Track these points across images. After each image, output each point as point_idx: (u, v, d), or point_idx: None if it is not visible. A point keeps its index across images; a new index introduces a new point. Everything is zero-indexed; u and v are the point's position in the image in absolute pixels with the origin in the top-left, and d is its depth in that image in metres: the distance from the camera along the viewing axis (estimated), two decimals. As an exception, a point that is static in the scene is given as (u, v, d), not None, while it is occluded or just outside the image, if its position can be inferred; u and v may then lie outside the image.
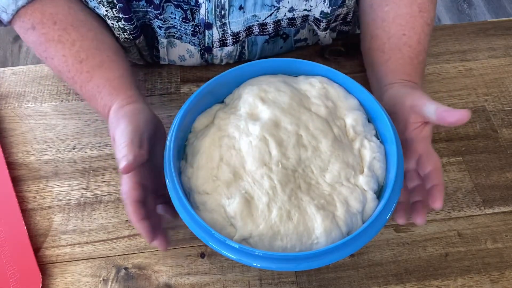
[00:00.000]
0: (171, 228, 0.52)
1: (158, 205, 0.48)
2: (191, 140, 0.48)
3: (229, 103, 0.50)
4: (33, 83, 0.65)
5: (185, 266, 0.51)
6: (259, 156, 0.44)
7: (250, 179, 0.44)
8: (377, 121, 0.49)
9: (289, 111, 0.47)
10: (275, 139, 0.45)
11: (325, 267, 0.50)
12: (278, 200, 0.42)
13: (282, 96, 0.48)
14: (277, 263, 0.39)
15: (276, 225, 0.42)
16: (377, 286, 0.49)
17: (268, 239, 0.42)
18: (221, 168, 0.45)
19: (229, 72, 0.50)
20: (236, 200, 0.43)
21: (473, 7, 1.80)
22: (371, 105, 0.49)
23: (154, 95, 0.63)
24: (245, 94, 0.49)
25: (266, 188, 0.43)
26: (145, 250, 0.52)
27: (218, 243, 0.40)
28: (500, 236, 0.52)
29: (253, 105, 0.47)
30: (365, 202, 0.44)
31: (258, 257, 0.39)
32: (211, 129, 0.47)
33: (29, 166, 0.57)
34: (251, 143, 0.45)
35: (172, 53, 0.64)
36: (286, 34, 0.64)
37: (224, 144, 0.46)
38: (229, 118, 0.47)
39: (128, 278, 0.50)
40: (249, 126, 0.46)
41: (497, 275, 0.49)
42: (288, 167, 0.44)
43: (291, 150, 0.44)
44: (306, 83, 0.50)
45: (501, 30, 0.69)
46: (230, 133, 0.46)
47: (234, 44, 0.61)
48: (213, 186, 0.44)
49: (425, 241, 0.52)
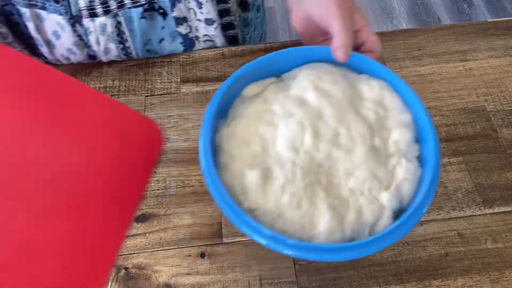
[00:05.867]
0: (171, 228, 0.53)
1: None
2: (235, 104, 0.49)
3: (285, 79, 0.51)
4: (33, 83, 0.65)
5: (185, 266, 0.51)
6: (291, 140, 0.44)
7: (275, 158, 0.44)
8: (423, 143, 0.47)
9: (336, 106, 0.46)
10: (313, 129, 0.45)
11: (326, 267, 0.50)
12: (293, 186, 0.43)
13: (336, 89, 0.47)
14: (306, 252, 0.40)
15: (283, 208, 0.42)
16: (377, 286, 0.49)
17: (271, 217, 0.42)
18: (254, 138, 0.45)
19: (293, 50, 0.50)
20: (256, 173, 0.43)
21: (473, 7, 1.80)
22: (424, 124, 0.47)
23: (154, 95, 0.63)
24: (300, 75, 0.49)
25: (287, 171, 0.43)
26: (145, 250, 0.52)
27: (249, 228, 0.41)
28: (500, 236, 0.52)
29: (305, 89, 0.47)
30: (380, 217, 0.43)
31: (289, 245, 0.40)
32: (258, 99, 0.48)
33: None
34: (288, 125, 0.45)
35: (44, 30, 0.62)
36: (162, 9, 0.62)
37: (265, 118, 0.46)
38: (278, 94, 0.48)
39: (128, 278, 0.50)
40: (294, 108, 0.46)
41: (497, 275, 0.49)
42: (315, 159, 0.44)
43: (324, 144, 0.44)
44: (366, 84, 0.49)
45: (501, 30, 0.69)
46: (274, 109, 0.47)
47: (106, 15, 0.59)
48: (240, 153, 0.45)
49: (425, 241, 0.52)
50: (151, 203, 0.55)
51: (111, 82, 0.65)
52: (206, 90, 0.64)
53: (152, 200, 0.55)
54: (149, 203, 0.55)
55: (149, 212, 0.54)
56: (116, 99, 0.63)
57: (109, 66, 0.66)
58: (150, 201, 0.55)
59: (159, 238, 0.52)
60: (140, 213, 0.54)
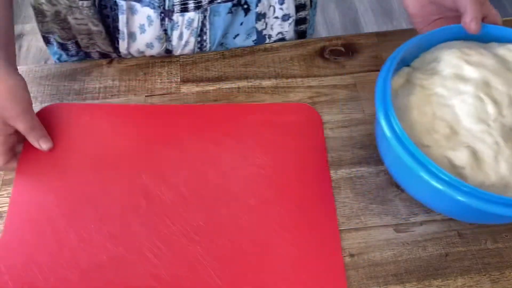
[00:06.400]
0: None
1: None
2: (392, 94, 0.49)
3: (420, 66, 0.51)
4: (33, 83, 0.65)
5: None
6: (476, 113, 0.45)
7: (469, 134, 0.45)
8: None
9: (497, 72, 0.47)
10: (491, 98, 0.46)
11: (325, 267, 0.50)
12: (504, 153, 0.43)
13: (486, 58, 0.48)
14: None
15: (506, 177, 0.43)
16: (377, 286, 0.49)
17: (499, 190, 0.43)
18: (436, 123, 0.46)
19: (419, 38, 0.51)
20: (464, 152, 0.44)
21: (473, 7, 1.80)
22: None
23: (154, 95, 0.63)
24: (445, 56, 0.50)
25: (489, 143, 0.44)
26: (145, 250, 0.52)
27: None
28: (500, 236, 0.52)
29: (458, 66, 0.48)
30: None
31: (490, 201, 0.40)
32: (414, 88, 0.49)
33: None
34: (465, 101, 0.46)
35: (133, 23, 0.63)
36: (247, 4, 0.64)
37: (434, 102, 0.47)
38: (432, 78, 0.49)
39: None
40: (459, 85, 0.47)
41: (497, 275, 0.49)
42: (506, 124, 0.45)
43: (506, 109, 0.45)
44: (504, 49, 0.50)
45: (501, 30, 0.69)
46: (438, 92, 0.47)
47: (196, 10, 0.61)
48: (432, 139, 0.45)
49: (425, 241, 0.52)
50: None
51: (111, 82, 0.65)
52: (206, 90, 0.63)
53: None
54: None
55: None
56: (116, 99, 0.63)
57: (109, 66, 0.66)
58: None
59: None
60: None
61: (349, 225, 0.52)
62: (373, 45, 0.68)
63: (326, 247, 0.50)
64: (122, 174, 0.54)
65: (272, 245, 0.50)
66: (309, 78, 0.64)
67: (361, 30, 1.75)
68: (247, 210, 0.52)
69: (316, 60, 0.66)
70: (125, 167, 0.55)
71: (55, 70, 0.66)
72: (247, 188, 0.53)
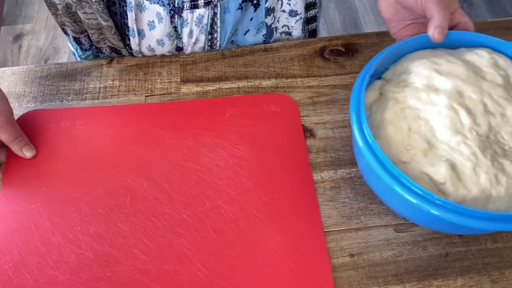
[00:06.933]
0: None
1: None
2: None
3: (391, 78, 0.51)
4: (33, 83, 0.65)
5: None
6: (451, 124, 0.45)
7: (446, 147, 0.44)
8: None
9: (468, 80, 0.47)
10: (464, 108, 0.45)
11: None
12: (482, 165, 0.43)
13: (456, 67, 0.48)
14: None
15: (487, 189, 0.42)
16: (377, 286, 0.49)
17: (481, 202, 0.42)
18: (413, 138, 0.45)
19: (389, 49, 0.51)
20: (443, 167, 0.43)
21: (473, 7, 1.80)
22: None
23: (154, 95, 0.63)
24: (415, 67, 0.49)
25: (467, 154, 0.43)
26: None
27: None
28: (500, 236, 0.52)
29: (429, 77, 0.48)
30: None
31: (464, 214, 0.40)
32: (387, 102, 0.48)
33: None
34: (439, 113, 0.45)
35: (141, 20, 0.63)
36: (257, 0, 0.64)
37: (409, 115, 0.46)
38: (404, 91, 0.48)
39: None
40: (432, 97, 0.46)
41: (497, 275, 0.49)
42: (481, 134, 0.45)
43: (480, 118, 0.45)
44: (472, 54, 0.50)
45: (501, 30, 0.69)
46: (411, 104, 0.47)
47: (206, 7, 0.61)
48: (409, 155, 0.45)
49: (425, 241, 0.52)
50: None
51: (111, 82, 0.65)
52: (206, 90, 0.63)
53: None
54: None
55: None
56: (116, 99, 0.63)
57: (109, 66, 0.66)
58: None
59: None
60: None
61: (349, 225, 0.52)
62: (373, 45, 0.68)
63: (310, 231, 0.51)
64: (105, 174, 0.55)
65: (256, 233, 0.51)
66: (309, 78, 0.64)
67: (361, 30, 1.75)
68: (229, 201, 0.53)
69: (316, 60, 0.66)
70: (107, 168, 0.56)
71: (55, 70, 0.66)
72: (229, 180, 0.55)
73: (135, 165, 0.56)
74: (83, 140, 0.58)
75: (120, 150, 0.57)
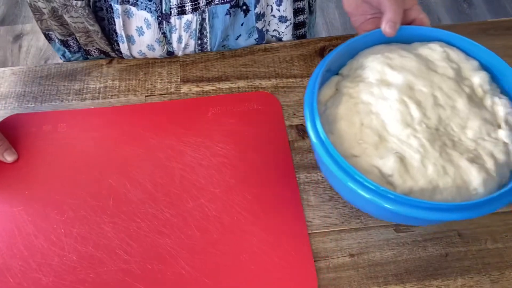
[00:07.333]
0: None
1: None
2: (320, 111, 0.49)
3: (348, 73, 0.51)
4: (33, 83, 0.65)
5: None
6: (402, 118, 0.45)
7: (396, 140, 0.45)
8: (501, 79, 0.50)
9: (419, 74, 0.48)
10: (414, 101, 0.46)
11: (325, 266, 0.50)
12: (430, 156, 0.43)
13: (408, 61, 0.49)
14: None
15: (434, 180, 0.43)
16: (377, 286, 0.49)
17: (428, 193, 0.43)
18: (364, 132, 0.46)
19: (344, 46, 0.51)
20: (391, 159, 0.44)
21: (473, 7, 1.80)
22: (494, 63, 0.50)
23: (154, 95, 0.63)
24: (369, 62, 0.50)
25: (416, 147, 0.44)
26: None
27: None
28: (500, 236, 0.52)
29: (382, 71, 0.49)
30: (510, 154, 0.45)
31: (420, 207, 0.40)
32: (341, 98, 0.48)
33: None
34: (390, 107, 0.46)
35: (129, 26, 0.63)
36: (246, 5, 0.64)
37: (361, 110, 0.47)
38: (358, 86, 0.49)
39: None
40: (384, 91, 0.47)
41: (497, 275, 0.49)
42: (431, 126, 0.45)
43: (430, 111, 0.46)
44: (425, 48, 0.51)
45: (501, 30, 0.69)
46: (364, 99, 0.47)
47: (194, 12, 0.61)
48: (360, 149, 0.45)
49: (425, 241, 0.52)
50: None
51: (111, 82, 0.65)
52: (206, 90, 0.64)
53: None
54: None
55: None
56: (116, 99, 0.63)
57: (109, 66, 0.66)
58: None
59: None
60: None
61: (349, 225, 0.53)
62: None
63: (293, 227, 0.52)
64: (87, 177, 0.55)
65: (240, 231, 0.51)
66: (309, 78, 0.64)
67: (361, 30, 1.75)
68: (213, 199, 0.53)
69: (316, 60, 0.66)
70: (90, 170, 0.56)
71: (55, 70, 0.66)
72: (212, 178, 0.55)
73: (118, 166, 0.56)
74: (65, 143, 0.58)
75: (103, 151, 0.57)
